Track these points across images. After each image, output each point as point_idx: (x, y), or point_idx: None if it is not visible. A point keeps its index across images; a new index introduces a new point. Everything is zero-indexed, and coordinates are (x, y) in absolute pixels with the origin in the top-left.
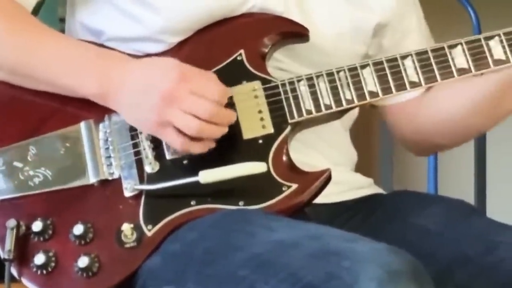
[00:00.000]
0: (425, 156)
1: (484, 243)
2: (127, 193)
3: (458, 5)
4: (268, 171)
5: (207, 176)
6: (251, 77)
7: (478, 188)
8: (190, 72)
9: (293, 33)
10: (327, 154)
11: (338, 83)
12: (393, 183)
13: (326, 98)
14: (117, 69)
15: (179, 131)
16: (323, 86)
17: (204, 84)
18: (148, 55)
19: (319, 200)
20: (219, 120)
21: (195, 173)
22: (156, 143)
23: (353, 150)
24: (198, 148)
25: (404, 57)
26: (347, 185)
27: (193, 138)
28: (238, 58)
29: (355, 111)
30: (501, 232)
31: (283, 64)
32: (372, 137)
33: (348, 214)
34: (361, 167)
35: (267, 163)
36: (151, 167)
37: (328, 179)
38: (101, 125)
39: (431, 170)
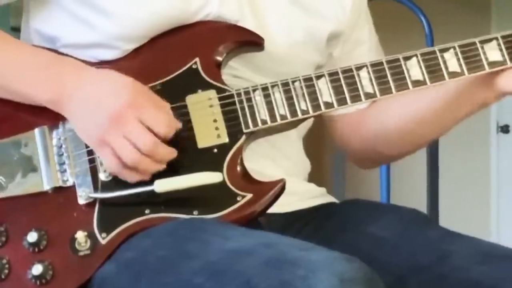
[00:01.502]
0: (373, 168)
1: (436, 251)
2: (82, 201)
3: (411, 14)
4: (223, 180)
5: (162, 185)
6: (207, 86)
7: (431, 196)
8: (143, 97)
9: (248, 42)
10: (280, 164)
11: (293, 93)
12: (346, 192)
13: (281, 108)
14: (71, 75)
15: (116, 155)
16: (278, 96)
17: (153, 114)
18: (104, 62)
19: (272, 209)
20: (157, 156)
21: (150, 181)
22: None
23: (306, 160)
24: (130, 177)
25: (359, 68)
26: (300, 195)
27: (128, 166)
28: (194, 66)
29: (310, 120)
30: (453, 240)
31: (238, 71)
32: (324, 146)
33: (301, 224)
34: (314, 176)
35: (222, 172)
36: (105, 174)
37: (282, 189)
38: (55, 132)
39: (383, 178)
